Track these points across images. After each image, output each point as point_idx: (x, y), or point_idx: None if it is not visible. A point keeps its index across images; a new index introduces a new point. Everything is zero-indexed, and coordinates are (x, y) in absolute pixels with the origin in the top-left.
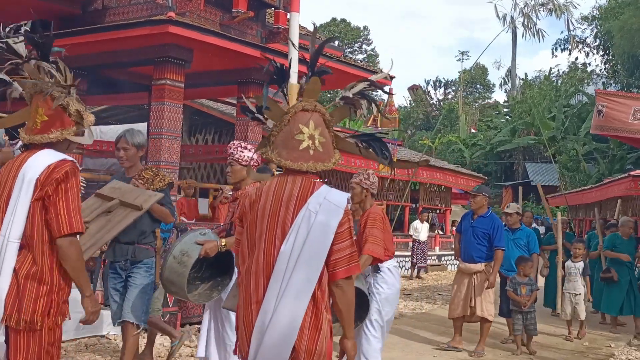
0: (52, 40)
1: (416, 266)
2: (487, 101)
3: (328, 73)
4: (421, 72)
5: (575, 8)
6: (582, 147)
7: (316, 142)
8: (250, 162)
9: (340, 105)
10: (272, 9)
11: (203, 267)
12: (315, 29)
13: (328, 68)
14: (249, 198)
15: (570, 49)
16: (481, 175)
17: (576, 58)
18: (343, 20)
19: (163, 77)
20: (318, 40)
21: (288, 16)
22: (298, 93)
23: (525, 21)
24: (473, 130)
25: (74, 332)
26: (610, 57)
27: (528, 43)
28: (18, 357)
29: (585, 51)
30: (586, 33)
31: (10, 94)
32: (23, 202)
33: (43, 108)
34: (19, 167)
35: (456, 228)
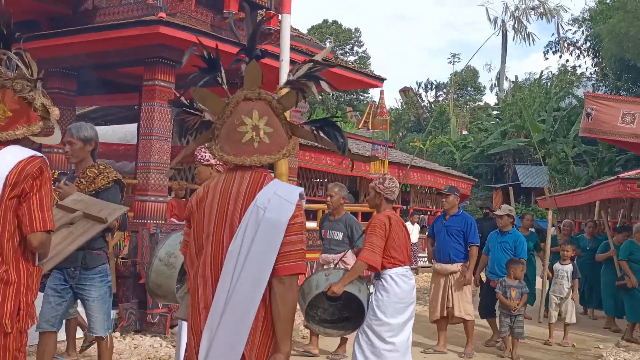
0: (15, 33)
1: None
2: (478, 104)
3: (266, 56)
4: (412, 74)
5: (565, 12)
6: (572, 150)
7: (261, 133)
8: (210, 161)
9: (287, 90)
10: (264, 11)
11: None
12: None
13: (265, 50)
14: (196, 196)
15: (561, 53)
16: (471, 177)
17: (567, 60)
18: (335, 22)
19: (154, 78)
20: (257, 26)
21: (279, 17)
22: (244, 81)
23: (515, 24)
24: (464, 132)
25: (64, 334)
26: (600, 60)
27: (519, 46)
28: None
29: (576, 53)
30: (577, 35)
31: None
32: None
33: (6, 103)
34: None
35: (428, 233)
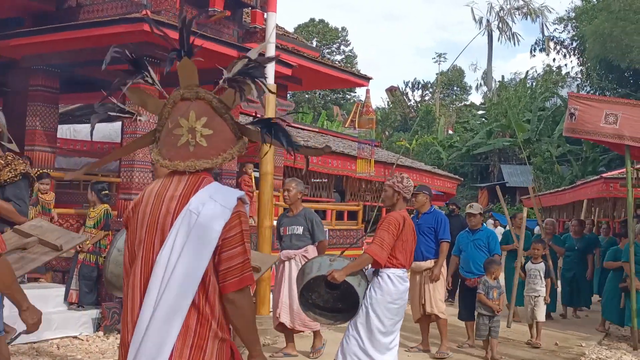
0: None
1: None
2: (464, 103)
3: (198, 49)
4: (399, 74)
5: (550, 12)
6: (556, 150)
7: (197, 136)
8: None
9: (225, 88)
10: (249, 9)
11: None
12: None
13: (198, 45)
14: (134, 201)
15: (547, 52)
16: (457, 176)
17: (553, 59)
18: (321, 20)
19: None
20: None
21: (265, 16)
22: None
23: (500, 24)
24: (450, 131)
25: (46, 333)
26: (585, 60)
27: (504, 46)
28: None
29: (562, 52)
30: (563, 35)
31: None
32: None
33: None
34: None
35: None
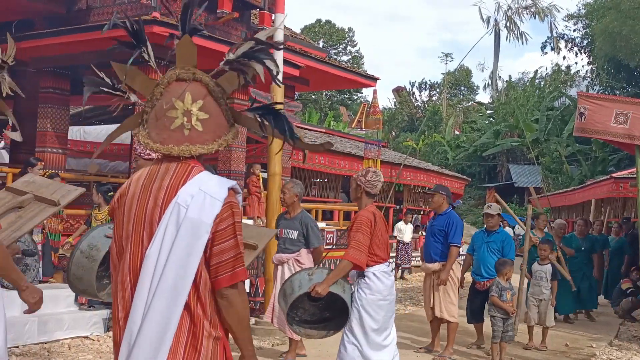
0: None
1: (400, 267)
2: (472, 103)
3: (200, 30)
4: (406, 74)
5: (558, 11)
6: (565, 149)
7: (193, 120)
8: (152, 155)
9: (226, 71)
10: (257, 10)
11: None
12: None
13: (199, 25)
14: (119, 192)
15: (556, 51)
16: (465, 176)
17: (564, 57)
18: (328, 21)
19: None
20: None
21: (273, 17)
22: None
23: (507, 24)
24: (457, 132)
25: (58, 333)
26: (594, 58)
27: (512, 45)
28: None
29: (574, 50)
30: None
31: None
32: None
33: None
34: None
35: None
